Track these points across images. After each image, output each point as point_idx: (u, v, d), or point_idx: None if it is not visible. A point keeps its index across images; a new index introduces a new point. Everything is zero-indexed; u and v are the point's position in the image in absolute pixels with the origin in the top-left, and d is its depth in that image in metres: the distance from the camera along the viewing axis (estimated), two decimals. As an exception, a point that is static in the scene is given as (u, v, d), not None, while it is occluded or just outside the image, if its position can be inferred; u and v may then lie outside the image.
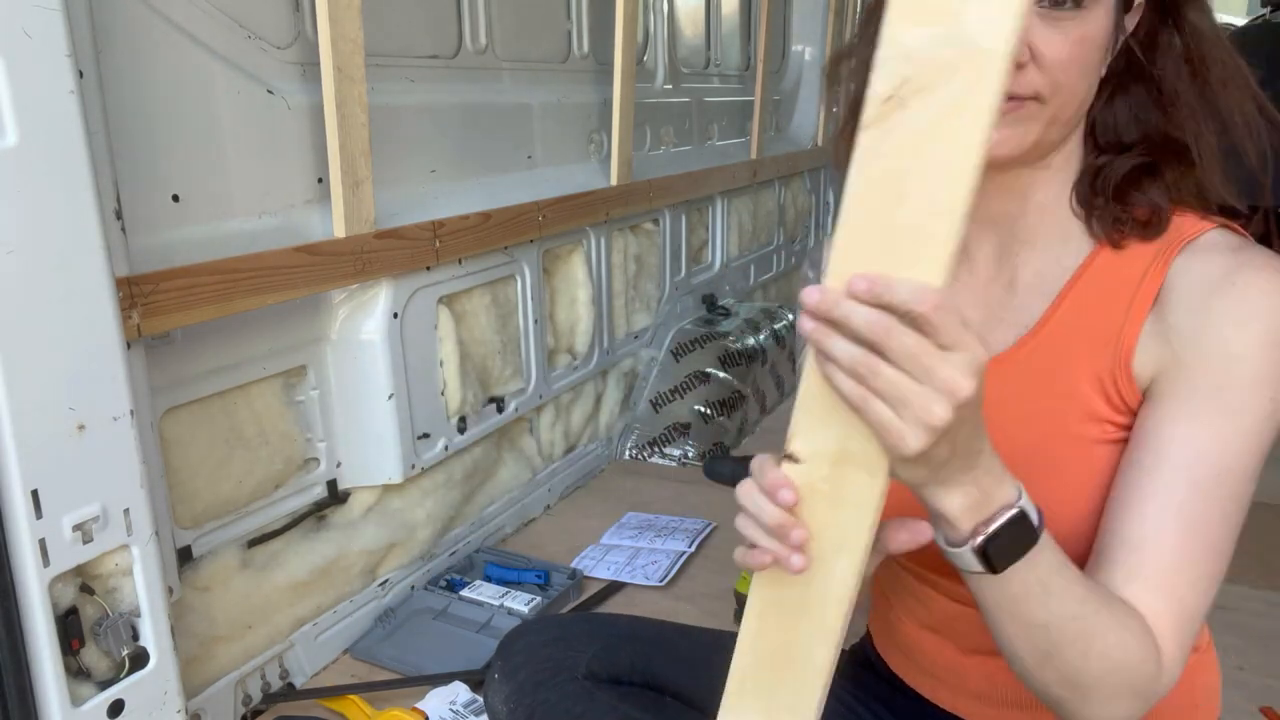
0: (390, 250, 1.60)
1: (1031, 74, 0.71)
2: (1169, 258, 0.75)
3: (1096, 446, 0.77)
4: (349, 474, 1.68)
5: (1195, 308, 0.73)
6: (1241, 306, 0.71)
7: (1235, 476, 0.71)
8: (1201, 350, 0.72)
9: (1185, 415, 0.72)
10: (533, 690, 0.98)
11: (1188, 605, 0.71)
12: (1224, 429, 0.71)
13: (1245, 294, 0.71)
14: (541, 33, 2.17)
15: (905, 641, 0.95)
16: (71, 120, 1.03)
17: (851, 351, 0.54)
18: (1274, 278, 0.71)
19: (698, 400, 2.59)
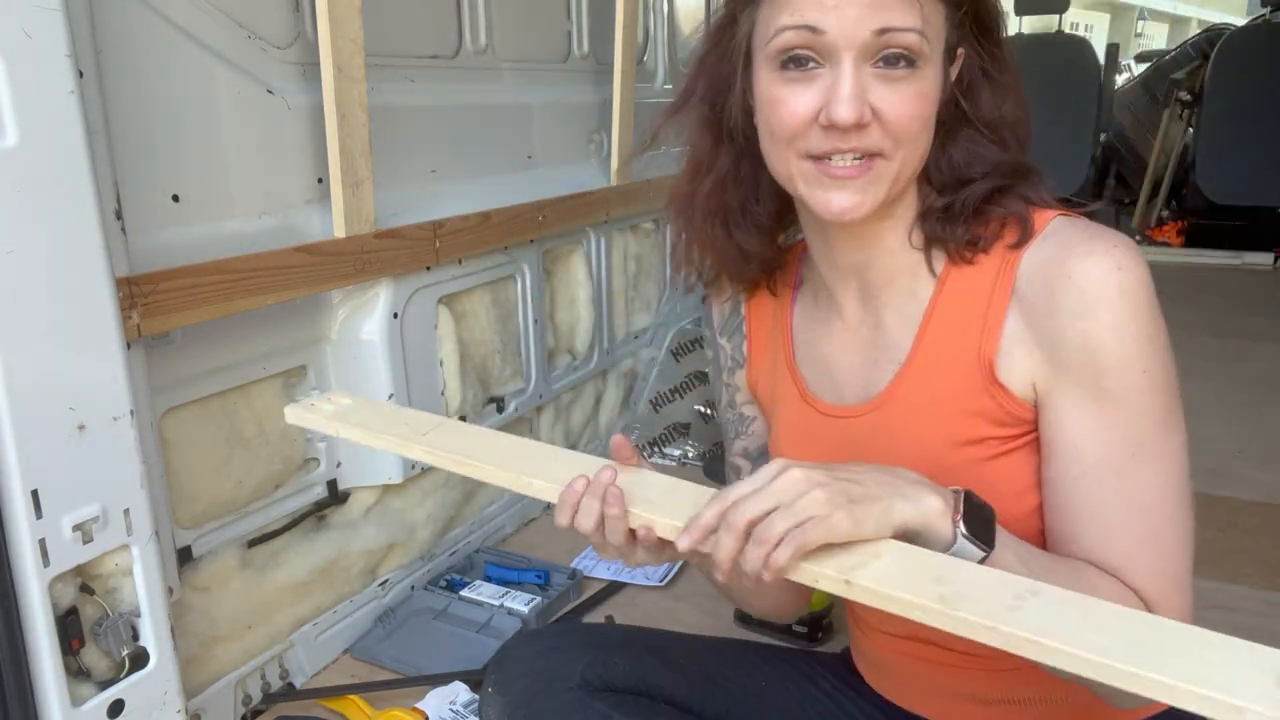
0: (390, 250, 1.60)
1: (875, 133, 0.75)
2: (1015, 260, 0.78)
3: (984, 465, 0.80)
4: (349, 474, 1.68)
5: (1045, 309, 0.76)
6: (1082, 298, 0.74)
7: (1150, 448, 0.75)
8: (1065, 350, 0.75)
9: (1078, 413, 0.76)
10: (527, 702, 0.97)
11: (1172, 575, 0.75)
12: (1118, 415, 0.75)
13: (1083, 285, 0.74)
14: (541, 33, 2.17)
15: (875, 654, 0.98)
16: (71, 120, 1.03)
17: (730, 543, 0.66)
18: (1103, 261, 0.74)
19: (698, 400, 2.59)
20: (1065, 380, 0.76)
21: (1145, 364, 0.74)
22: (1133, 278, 0.74)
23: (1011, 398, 0.78)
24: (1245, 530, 2.03)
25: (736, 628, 1.61)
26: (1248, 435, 2.55)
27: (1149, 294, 0.74)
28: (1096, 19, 22.34)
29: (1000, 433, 0.79)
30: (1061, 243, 0.77)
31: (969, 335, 0.80)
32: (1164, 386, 0.75)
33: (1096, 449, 0.75)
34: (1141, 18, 23.28)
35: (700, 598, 1.82)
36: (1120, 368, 0.74)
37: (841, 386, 0.90)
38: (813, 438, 0.92)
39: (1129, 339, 0.73)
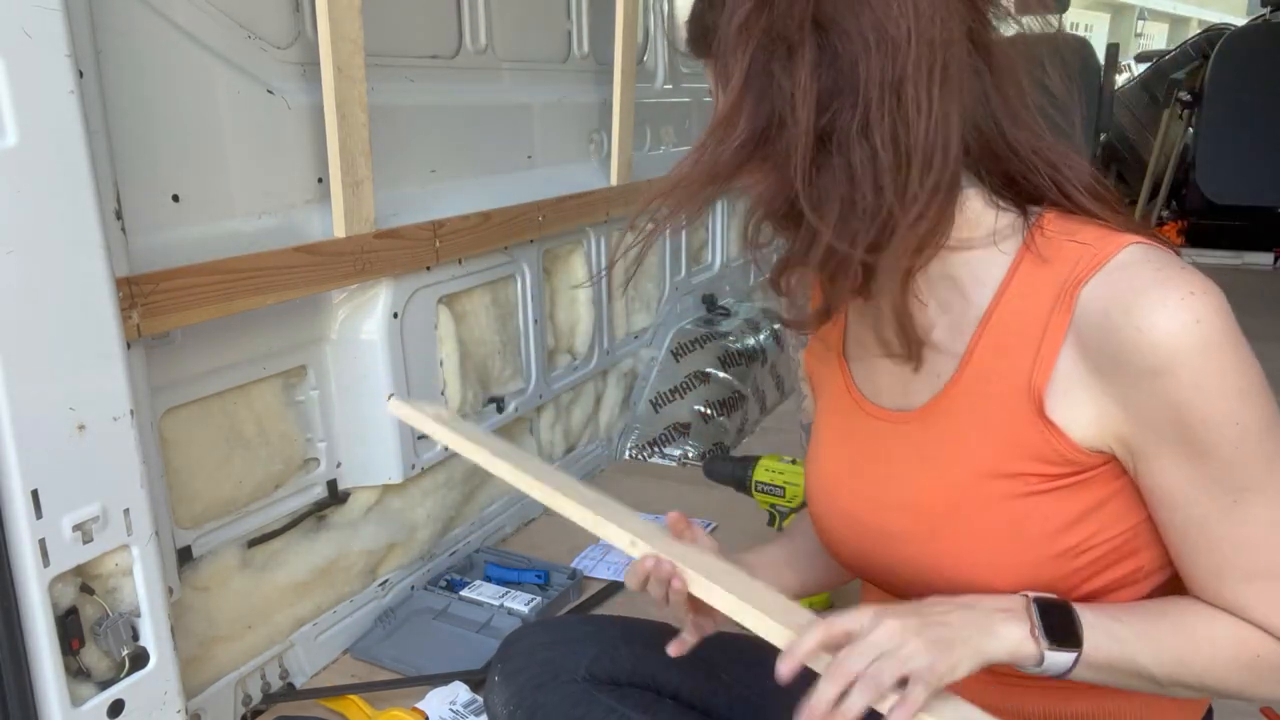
0: (390, 250, 1.60)
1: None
2: (1076, 289, 0.72)
3: (1017, 501, 0.76)
4: (349, 474, 1.68)
5: (1114, 361, 0.70)
6: (1157, 355, 0.68)
7: (1256, 484, 0.71)
8: (1144, 407, 0.70)
9: (1172, 466, 0.72)
10: (533, 693, 0.98)
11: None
12: (1210, 467, 0.70)
13: (1155, 340, 0.67)
14: (541, 33, 2.17)
15: None
16: (71, 120, 1.03)
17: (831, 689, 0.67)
18: (1178, 315, 0.67)
19: (698, 400, 2.59)
20: (1148, 434, 0.71)
21: (1236, 417, 0.68)
22: (1213, 330, 0.67)
23: (1063, 438, 0.73)
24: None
25: (737, 627, 1.61)
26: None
27: (1233, 342, 0.68)
28: (1096, 19, 22.33)
29: (1042, 470, 0.75)
30: (1131, 284, 0.69)
31: (1022, 360, 0.74)
32: (1262, 431, 0.69)
33: (1197, 497, 0.71)
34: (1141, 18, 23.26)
35: (700, 598, 1.82)
36: (1208, 424, 0.69)
37: (881, 389, 0.86)
38: (851, 433, 0.88)
39: (1215, 396, 0.68)
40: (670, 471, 2.48)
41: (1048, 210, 0.76)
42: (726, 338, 2.72)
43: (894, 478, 0.83)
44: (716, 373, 2.64)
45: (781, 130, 0.68)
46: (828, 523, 0.91)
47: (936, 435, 0.80)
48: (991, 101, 0.72)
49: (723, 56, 0.69)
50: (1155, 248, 0.72)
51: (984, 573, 0.77)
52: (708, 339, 2.69)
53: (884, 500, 0.83)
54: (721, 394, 2.63)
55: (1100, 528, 0.76)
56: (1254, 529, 0.71)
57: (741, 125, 0.69)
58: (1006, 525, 0.76)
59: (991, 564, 0.77)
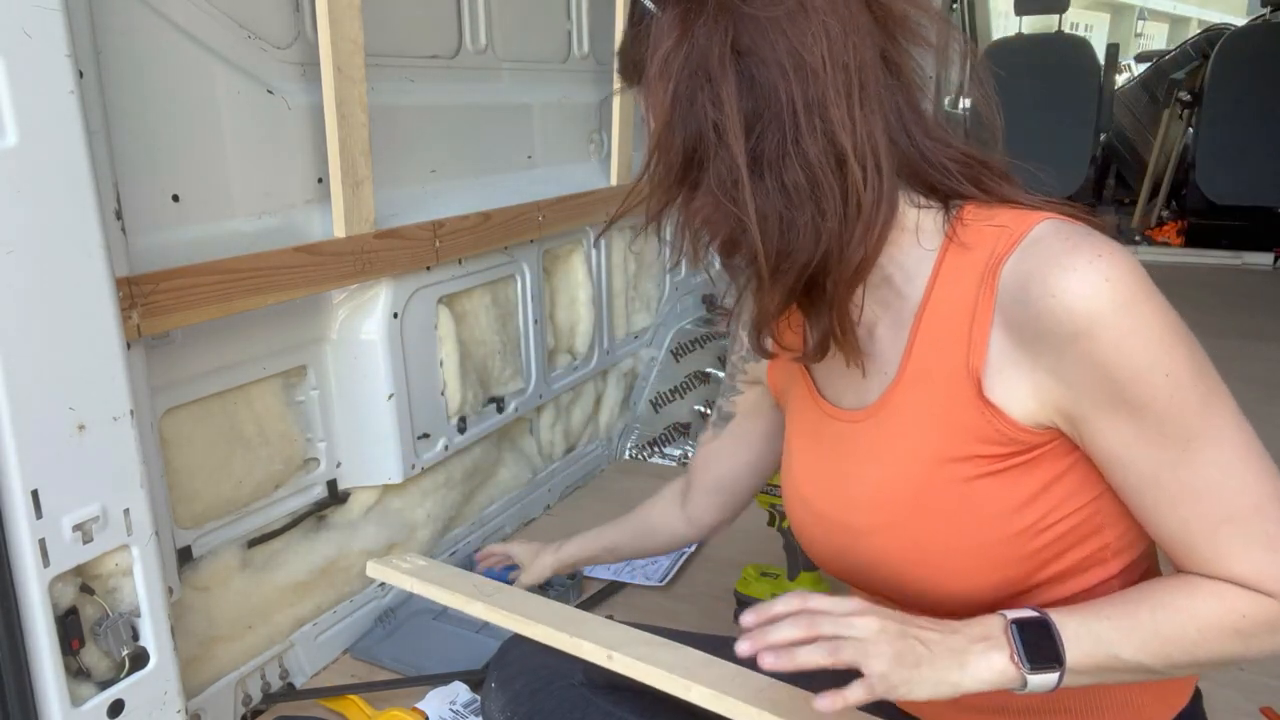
0: (390, 250, 1.60)
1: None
2: (996, 269, 0.74)
3: (970, 484, 0.77)
4: (349, 474, 1.68)
5: (1036, 332, 0.72)
6: (1075, 320, 0.70)
7: (1198, 429, 0.72)
8: (1073, 373, 0.72)
9: (1112, 428, 0.73)
10: (529, 698, 0.98)
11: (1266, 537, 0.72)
12: (1149, 421, 0.71)
13: (1071, 305, 0.69)
14: (541, 33, 2.17)
15: None
16: (71, 120, 1.03)
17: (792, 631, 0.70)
18: (1088, 276, 0.69)
19: (698, 400, 2.59)
20: (1083, 400, 0.73)
21: (1164, 368, 0.70)
22: (1123, 286, 0.69)
23: (1004, 417, 0.76)
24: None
25: (736, 628, 1.61)
26: (1248, 435, 2.55)
27: (1145, 295, 0.70)
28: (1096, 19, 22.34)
29: (990, 451, 0.77)
30: (1043, 255, 0.72)
31: (957, 346, 0.77)
32: (1192, 377, 0.71)
33: (1145, 454, 0.73)
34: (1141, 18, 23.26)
35: (700, 598, 1.82)
36: (1137, 379, 0.70)
37: (841, 390, 0.90)
38: (818, 437, 0.91)
39: (1138, 350, 0.70)
40: (670, 471, 2.48)
41: (968, 203, 0.79)
42: (726, 338, 2.72)
43: (856, 475, 0.85)
44: (716, 373, 2.64)
45: (714, 154, 0.72)
46: (804, 526, 0.94)
47: (890, 429, 0.83)
48: (905, 116, 0.76)
49: (651, 87, 0.73)
50: (1067, 221, 0.75)
51: (947, 558, 0.79)
52: (708, 339, 2.69)
53: (850, 498, 0.86)
54: (721, 394, 2.63)
55: (1056, 505, 0.77)
56: (1207, 474, 0.72)
57: (674, 151, 0.73)
58: (962, 509, 0.77)
59: (953, 549, 0.78)
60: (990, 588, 0.80)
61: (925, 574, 0.81)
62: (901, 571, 0.83)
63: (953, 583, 0.80)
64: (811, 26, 0.69)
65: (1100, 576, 0.81)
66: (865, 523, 0.84)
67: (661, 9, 0.72)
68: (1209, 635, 0.72)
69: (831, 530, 0.89)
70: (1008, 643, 0.71)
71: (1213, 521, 0.72)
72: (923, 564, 0.81)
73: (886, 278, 0.81)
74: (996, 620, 0.73)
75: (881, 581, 0.86)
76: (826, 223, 0.71)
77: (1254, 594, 0.72)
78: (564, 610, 1.00)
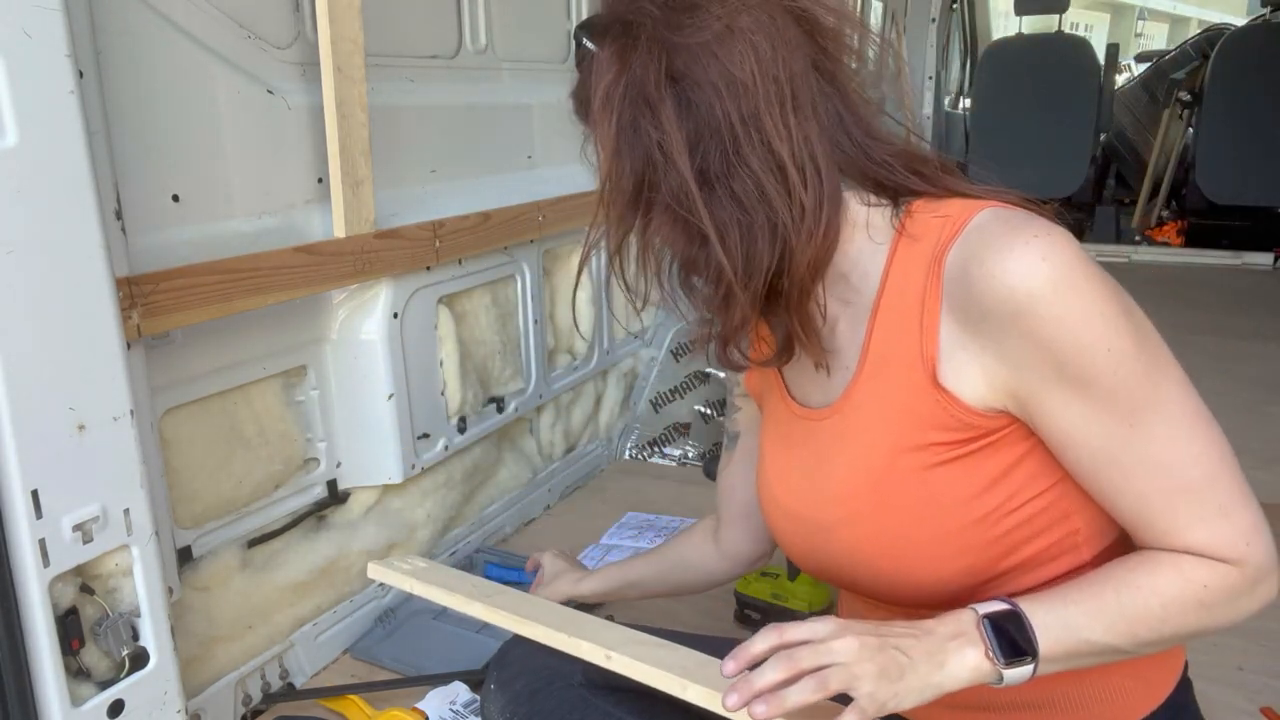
0: (390, 250, 1.60)
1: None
2: (942, 257, 0.77)
3: (928, 472, 0.79)
4: (349, 474, 1.68)
5: (980, 314, 0.74)
6: (1015, 299, 0.72)
7: (1145, 402, 0.73)
8: (1017, 352, 0.73)
9: (1061, 406, 0.74)
10: (529, 699, 0.98)
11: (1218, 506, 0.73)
12: (1095, 396, 0.73)
13: (1011, 284, 0.72)
14: (541, 33, 2.17)
15: None
16: (71, 120, 1.03)
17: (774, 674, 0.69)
18: (1024, 256, 0.71)
19: (698, 400, 2.59)
20: (1030, 379, 0.74)
21: (1106, 343, 0.71)
22: (1059, 264, 0.71)
23: (957, 403, 0.77)
24: (1245, 530, 2.03)
25: (736, 628, 1.61)
26: (1248, 435, 2.54)
27: (1084, 272, 0.72)
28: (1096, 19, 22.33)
29: (946, 438, 0.78)
30: (982, 240, 0.74)
31: (911, 336, 0.79)
32: (1135, 349, 0.72)
33: (1095, 430, 0.74)
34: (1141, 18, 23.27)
35: (700, 598, 1.82)
36: (1080, 354, 0.72)
37: (809, 390, 0.91)
38: (788, 437, 0.93)
39: (1078, 326, 0.71)
40: (670, 471, 2.48)
41: (919, 198, 0.81)
42: (726, 338, 2.72)
43: (822, 472, 0.87)
44: (716, 373, 2.64)
45: (663, 174, 0.76)
46: (777, 525, 0.96)
47: (852, 424, 0.84)
48: (845, 120, 0.78)
49: (596, 119, 0.78)
50: (1007, 208, 0.77)
51: (910, 546, 0.80)
52: (708, 339, 2.69)
53: (818, 495, 0.87)
54: (721, 394, 2.62)
55: (1016, 490, 0.79)
56: (1159, 446, 0.73)
57: (625, 177, 0.78)
58: (923, 497, 0.79)
59: (916, 537, 0.80)
60: (956, 575, 0.81)
61: (893, 564, 0.82)
62: (871, 563, 0.84)
63: (920, 571, 0.81)
64: (739, 46, 0.73)
65: (1073, 563, 0.82)
66: (831, 518, 0.86)
67: (600, 46, 0.77)
68: (1173, 610, 0.74)
69: (804, 528, 0.90)
70: (981, 639, 0.72)
71: (1167, 493, 0.74)
72: (889, 554, 0.82)
73: (843, 275, 0.83)
74: (968, 615, 0.74)
75: (855, 575, 0.87)
76: (779, 225, 0.75)
77: (1213, 563, 0.73)
78: (563, 611, 1.00)
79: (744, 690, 0.69)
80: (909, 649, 0.71)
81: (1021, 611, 0.73)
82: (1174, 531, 0.74)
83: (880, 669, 0.69)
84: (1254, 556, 0.73)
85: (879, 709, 0.69)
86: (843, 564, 0.88)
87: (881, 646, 0.71)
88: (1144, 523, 0.76)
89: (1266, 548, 0.74)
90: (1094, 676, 0.85)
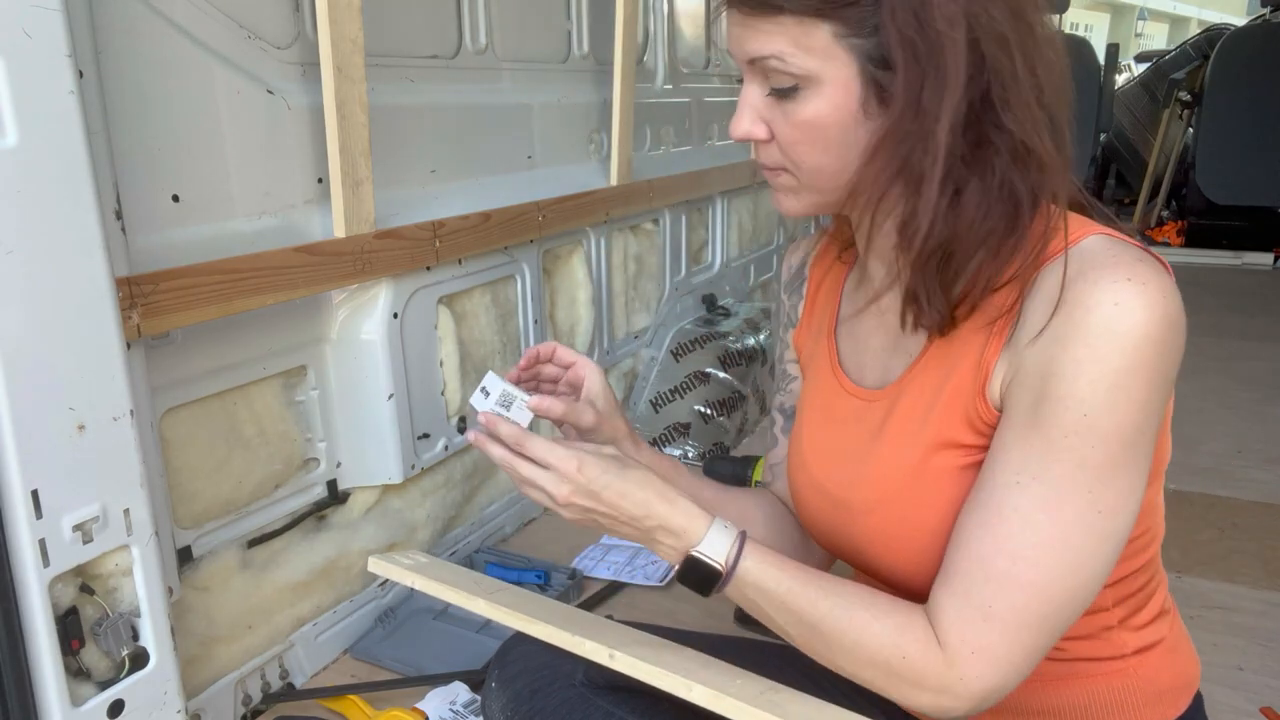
0: (390, 250, 1.60)
1: (774, 150, 0.79)
2: (1034, 271, 0.74)
3: (961, 473, 0.78)
4: (349, 474, 1.68)
5: (1034, 327, 0.72)
6: (1066, 324, 0.69)
7: (1041, 485, 0.70)
8: (1029, 368, 0.71)
9: (1007, 429, 0.73)
10: (529, 698, 0.98)
11: (975, 601, 0.71)
12: (1032, 440, 0.70)
13: (1071, 312, 0.69)
14: (541, 33, 2.17)
15: None
16: (71, 120, 1.03)
17: (500, 457, 0.86)
18: (1102, 292, 0.68)
19: (698, 400, 2.59)
20: (1016, 397, 0.72)
21: (1088, 408, 0.68)
22: (1129, 319, 0.67)
23: (991, 411, 0.76)
24: (1245, 530, 2.03)
25: (736, 628, 1.61)
26: (1248, 435, 2.55)
27: (1142, 342, 0.67)
28: (1096, 19, 22.33)
29: (975, 441, 0.77)
30: (1081, 265, 0.71)
31: (978, 338, 0.78)
32: (1104, 441, 0.68)
33: (1000, 466, 0.72)
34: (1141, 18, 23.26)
35: (700, 598, 1.82)
36: (1061, 401, 0.68)
37: (865, 368, 0.90)
38: (831, 410, 0.92)
39: (1088, 379, 0.67)
40: (670, 471, 2.47)
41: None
42: (726, 338, 2.72)
43: (861, 453, 0.86)
44: (716, 373, 2.64)
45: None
46: (804, 498, 0.95)
47: (900, 410, 0.83)
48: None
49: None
50: (1119, 239, 0.74)
51: (934, 541, 0.79)
52: (708, 339, 2.69)
53: (852, 475, 0.87)
54: (721, 394, 2.62)
55: None
56: (1028, 521, 0.70)
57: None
58: (952, 496, 0.78)
59: (940, 532, 0.78)
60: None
61: (914, 556, 0.81)
62: (892, 551, 0.84)
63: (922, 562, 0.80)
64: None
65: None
66: (864, 500, 0.85)
67: None
68: (860, 654, 0.75)
69: (829, 506, 0.90)
70: (678, 562, 0.82)
71: (972, 550, 0.72)
72: (912, 545, 0.82)
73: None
74: (693, 538, 0.80)
75: (875, 560, 0.87)
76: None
77: (930, 641, 0.71)
78: (565, 609, 1.00)
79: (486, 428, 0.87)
80: (618, 528, 0.83)
81: (720, 574, 0.79)
82: (940, 584, 0.73)
83: (577, 517, 0.83)
84: (965, 671, 0.70)
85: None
86: (863, 547, 0.87)
87: (590, 511, 0.82)
88: (950, 568, 0.74)
89: (981, 680, 0.70)
90: (1102, 686, 0.84)
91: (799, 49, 0.72)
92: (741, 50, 0.77)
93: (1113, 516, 0.70)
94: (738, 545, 0.79)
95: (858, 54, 0.72)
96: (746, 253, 3.30)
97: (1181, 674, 0.89)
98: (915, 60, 0.70)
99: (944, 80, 0.69)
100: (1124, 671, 0.85)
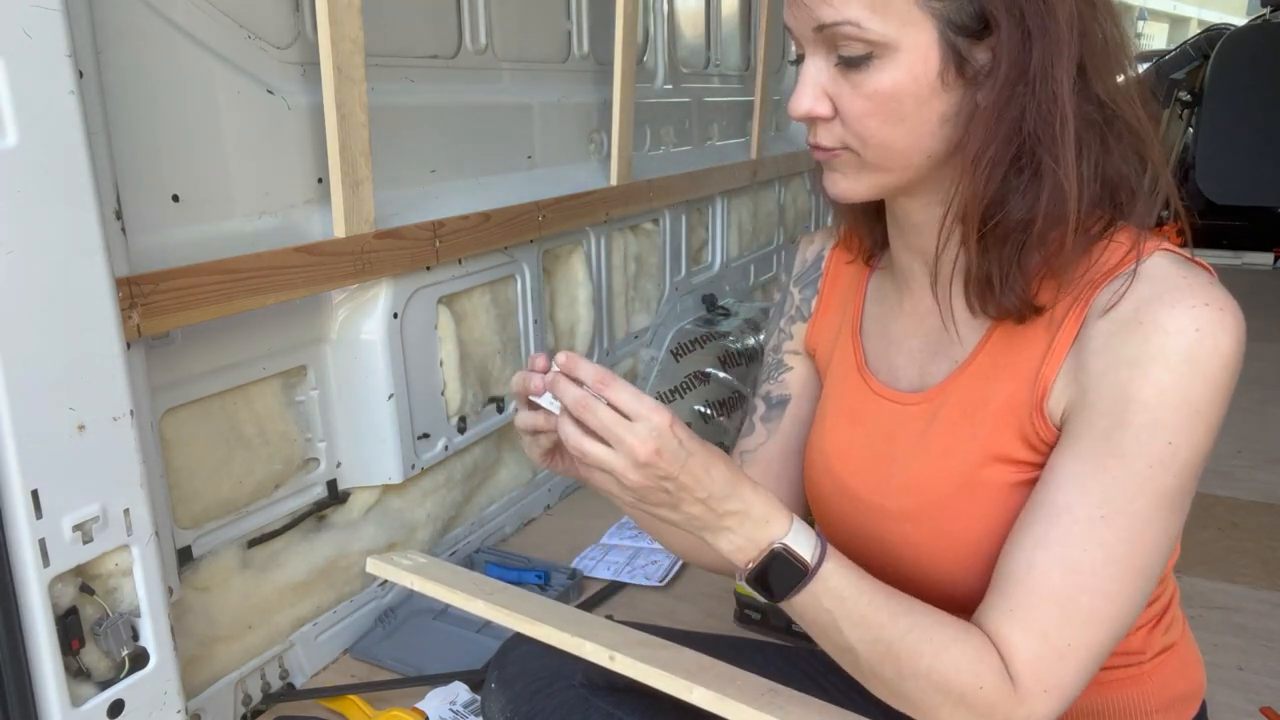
0: (390, 250, 1.60)
1: (836, 128, 0.73)
2: (1097, 285, 0.72)
3: (1013, 489, 0.76)
4: (349, 474, 1.68)
5: (1102, 346, 0.70)
6: (1144, 347, 0.67)
7: (1126, 519, 0.68)
8: (1102, 390, 0.69)
9: (1079, 454, 0.70)
10: (529, 699, 0.97)
11: (1054, 641, 0.69)
12: (1115, 471, 0.69)
13: (1149, 334, 0.67)
14: (541, 33, 2.17)
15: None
16: (71, 120, 1.03)
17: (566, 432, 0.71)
18: (1182, 317, 0.67)
19: (698, 400, 2.59)
20: (1087, 419, 0.70)
21: (1176, 437, 0.67)
22: (1208, 346, 0.66)
23: (1049, 428, 0.74)
24: (1245, 530, 2.03)
25: (736, 628, 1.61)
26: (1248, 435, 2.55)
27: (1221, 370, 0.67)
28: (1096, 19, 22.28)
29: (1030, 458, 0.75)
30: (1151, 285, 0.69)
31: (1035, 349, 0.75)
32: (1183, 469, 0.68)
33: (1073, 493, 0.70)
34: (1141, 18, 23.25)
35: (700, 598, 1.82)
36: (1145, 429, 0.67)
37: (897, 370, 0.87)
38: (859, 413, 0.89)
39: (1172, 406, 0.66)
40: (670, 471, 2.47)
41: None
42: (726, 338, 2.72)
43: (898, 459, 0.83)
44: (716, 373, 2.64)
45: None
46: (826, 499, 0.92)
47: (944, 417, 0.80)
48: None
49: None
50: (1184, 259, 0.72)
51: (967, 557, 0.77)
52: (708, 339, 2.69)
53: (887, 481, 0.84)
54: (721, 394, 2.62)
55: None
56: (1087, 554, 0.68)
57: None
58: (997, 512, 0.76)
59: (977, 549, 0.77)
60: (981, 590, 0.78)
61: (944, 568, 0.79)
62: (920, 560, 0.81)
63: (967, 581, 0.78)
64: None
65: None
66: (898, 508, 0.82)
67: None
68: (933, 679, 0.70)
69: (857, 509, 0.87)
70: (756, 557, 0.71)
71: (1050, 586, 0.69)
72: (947, 557, 0.79)
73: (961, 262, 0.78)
74: (777, 530, 0.71)
75: (898, 567, 0.84)
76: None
77: (1003, 674, 0.69)
78: (565, 610, 1.00)
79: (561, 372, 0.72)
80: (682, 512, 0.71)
81: (808, 574, 0.71)
82: (1012, 617, 0.70)
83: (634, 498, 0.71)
84: (1034, 707, 0.69)
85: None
86: (889, 553, 0.84)
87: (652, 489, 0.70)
88: (1000, 590, 0.72)
89: (1045, 714, 0.69)
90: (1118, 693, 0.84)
91: (875, 13, 0.68)
92: (810, 17, 0.71)
93: (1173, 539, 0.71)
94: (820, 544, 0.72)
95: (938, 19, 0.68)
96: (746, 253, 3.30)
97: (1192, 680, 0.89)
98: (1021, 20, 0.67)
99: (1057, 41, 0.67)
100: (1139, 678, 0.84)
